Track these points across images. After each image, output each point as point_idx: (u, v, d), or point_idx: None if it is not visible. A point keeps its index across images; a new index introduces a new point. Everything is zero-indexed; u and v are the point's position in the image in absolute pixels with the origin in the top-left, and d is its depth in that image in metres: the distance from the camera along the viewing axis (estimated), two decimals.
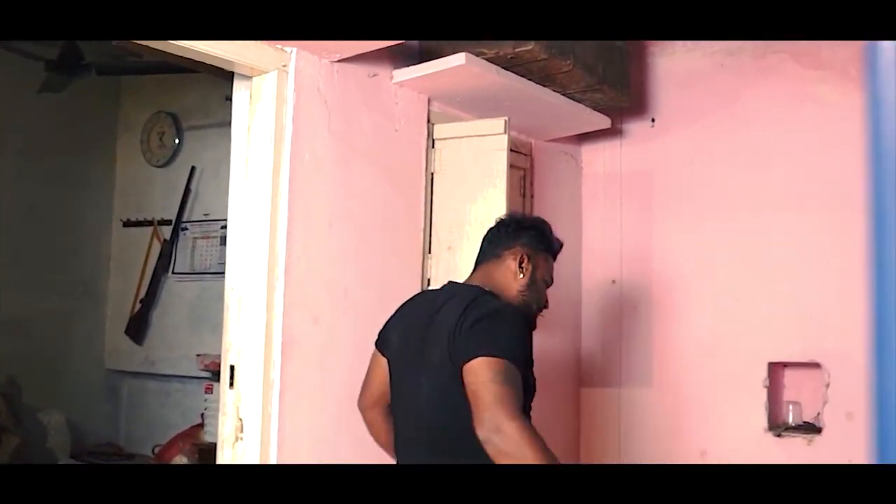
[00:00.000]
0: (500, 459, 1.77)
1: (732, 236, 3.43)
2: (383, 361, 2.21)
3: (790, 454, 3.21)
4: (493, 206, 2.89)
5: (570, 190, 3.82)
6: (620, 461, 3.61)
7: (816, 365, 3.22)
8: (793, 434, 3.26)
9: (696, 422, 3.46)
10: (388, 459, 2.24)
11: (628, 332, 3.66)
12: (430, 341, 2.02)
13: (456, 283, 2.24)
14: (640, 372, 3.61)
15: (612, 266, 3.74)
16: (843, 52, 3.19)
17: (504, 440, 1.76)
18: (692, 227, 3.54)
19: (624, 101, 3.38)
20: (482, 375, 1.84)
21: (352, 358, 2.64)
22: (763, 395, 3.30)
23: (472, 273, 2.23)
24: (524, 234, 2.20)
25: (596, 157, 3.85)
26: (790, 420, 3.33)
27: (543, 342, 3.48)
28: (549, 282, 2.24)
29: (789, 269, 3.29)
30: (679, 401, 3.51)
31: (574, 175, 3.85)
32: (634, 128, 3.75)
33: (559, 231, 3.68)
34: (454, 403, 1.90)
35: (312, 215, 2.62)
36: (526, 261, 2.16)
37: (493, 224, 2.27)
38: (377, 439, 2.28)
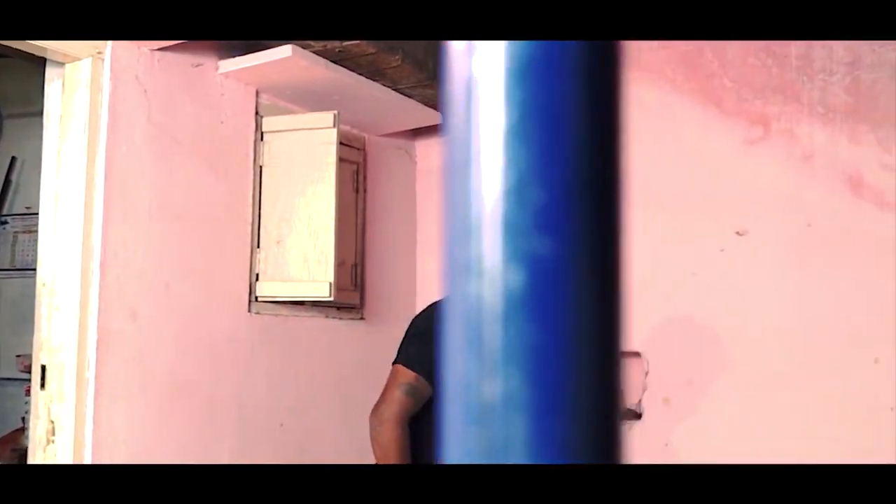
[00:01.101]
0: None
1: None
2: None
3: None
4: (322, 200, 2.88)
5: (405, 185, 3.85)
6: None
7: (637, 354, 3.36)
8: None
9: None
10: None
11: None
12: None
13: None
14: None
15: None
16: (663, 54, 3.34)
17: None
18: None
19: None
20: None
21: (174, 355, 2.57)
22: None
23: None
24: None
25: (430, 152, 3.89)
26: None
27: (381, 341, 3.51)
28: None
29: None
30: None
31: (408, 170, 3.88)
32: None
33: (392, 227, 3.73)
34: None
35: (131, 208, 2.53)
36: None
37: None
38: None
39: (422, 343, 2.28)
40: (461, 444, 0.34)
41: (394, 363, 2.30)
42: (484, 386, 0.34)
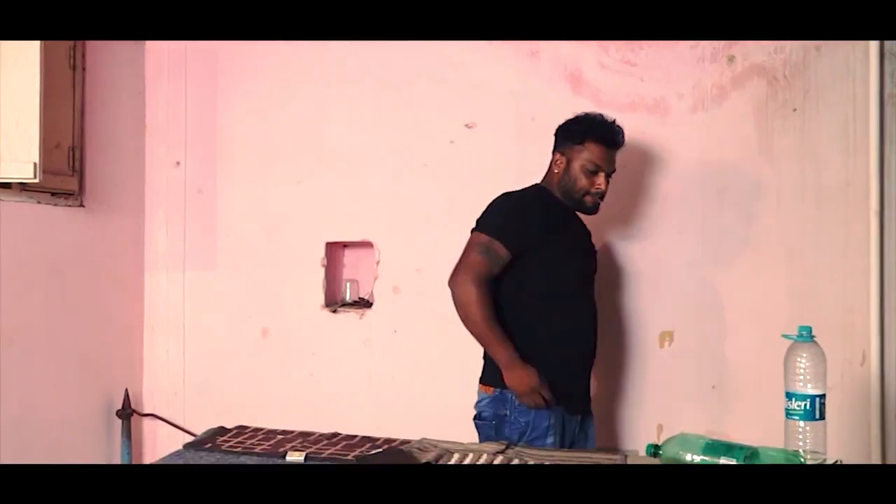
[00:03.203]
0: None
1: (296, 119, 3.46)
2: None
3: (342, 328, 3.39)
4: (25, 76, 2.63)
5: (132, 66, 3.60)
6: (184, 345, 3.58)
7: (369, 244, 3.40)
8: (347, 310, 3.43)
9: (259, 302, 3.51)
10: None
11: (193, 214, 3.59)
12: None
13: None
14: (204, 254, 3.58)
15: (176, 147, 3.62)
16: None
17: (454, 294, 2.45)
18: (257, 109, 3.52)
19: None
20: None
21: None
22: (321, 273, 3.43)
23: None
24: (556, 138, 2.64)
25: None
26: (347, 297, 3.51)
27: (105, 229, 3.31)
28: (591, 168, 2.54)
29: (349, 151, 3.40)
30: (242, 282, 3.54)
31: (136, 50, 3.63)
32: None
33: (117, 110, 3.49)
34: None
35: None
36: (558, 157, 2.60)
37: None
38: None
39: (501, 214, 2.51)
40: None
41: (471, 231, 2.53)
42: None
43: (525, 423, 2.44)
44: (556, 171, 2.61)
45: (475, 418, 2.55)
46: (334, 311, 3.42)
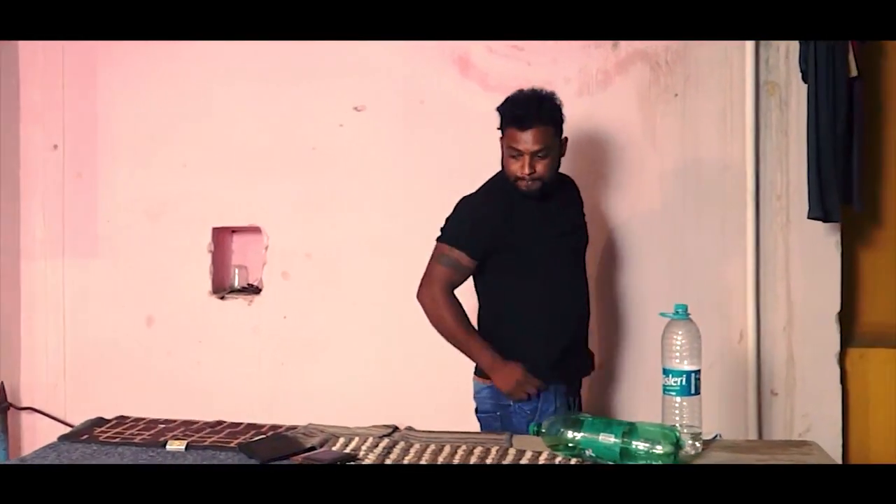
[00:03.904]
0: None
1: (180, 101, 3.37)
2: None
3: (231, 315, 3.33)
4: None
5: (4, 45, 3.43)
6: (65, 336, 3.46)
7: (257, 229, 3.34)
8: (236, 296, 3.37)
9: (143, 289, 3.41)
10: None
11: (72, 199, 3.46)
12: None
13: None
14: (84, 241, 3.45)
15: (53, 130, 3.47)
16: None
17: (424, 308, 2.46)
18: (137, 92, 3.41)
19: None
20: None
21: None
22: (208, 259, 3.35)
23: None
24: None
25: None
26: (235, 283, 3.44)
27: None
28: (512, 153, 2.38)
29: (236, 134, 3.33)
30: (126, 269, 3.43)
31: None
32: None
33: None
34: None
35: None
36: (501, 147, 2.44)
37: None
38: None
39: (460, 221, 2.46)
40: None
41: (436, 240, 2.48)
42: None
43: (531, 410, 2.39)
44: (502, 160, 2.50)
45: (476, 412, 2.50)
46: (222, 298, 3.35)
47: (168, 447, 1.93)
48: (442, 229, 2.49)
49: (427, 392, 3.09)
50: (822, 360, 2.94)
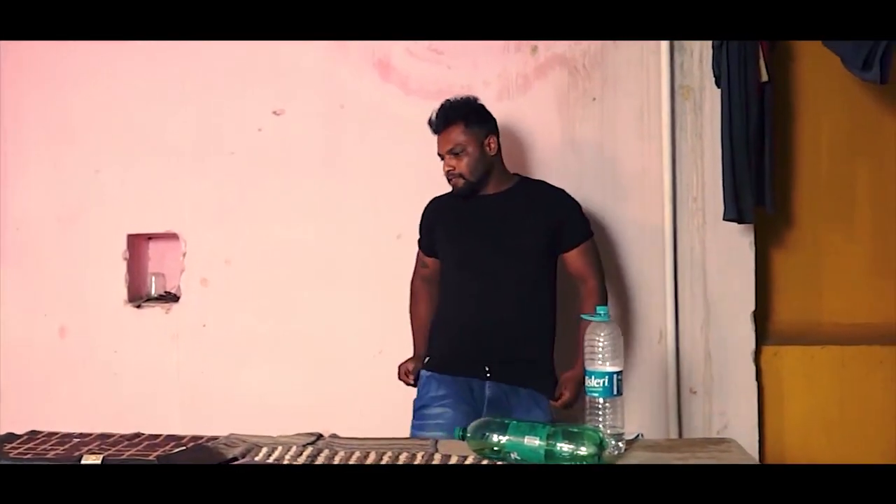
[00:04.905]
0: None
1: (92, 103, 3.28)
2: None
3: (148, 324, 3.25)
4: None
5: None
6: None
7: (175, 236, 3.26)
8: (153, 304, 3.29)
9: (56, 299, 3.30)
10: None
11: None
12: None
13: None
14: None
15: None
16: None
17: None
18: (45, 93, 3.30)
19: None
20: None
21: None
22: (123, 267, 3.27)
23: None
24: None
25: None
26: (152, 291, 3.36)
27: None
28: (441, 156, 2.56)
29: (151, 139, 3.25)
30: (35, 277, 3.31)
31: None
32: None
33: None
34: None
35: None
36: None
37: None
38: None
39: (422, 229, 2.73)
40: None
41: None
42: None
43: (421, 393, 2.58)
44: None
45: None
46: (139, 307, 3.27)
47: (83, 462, 1.87)
48: None
49: (351, 398, 3.07)
50: (738, 359, 3.00)
